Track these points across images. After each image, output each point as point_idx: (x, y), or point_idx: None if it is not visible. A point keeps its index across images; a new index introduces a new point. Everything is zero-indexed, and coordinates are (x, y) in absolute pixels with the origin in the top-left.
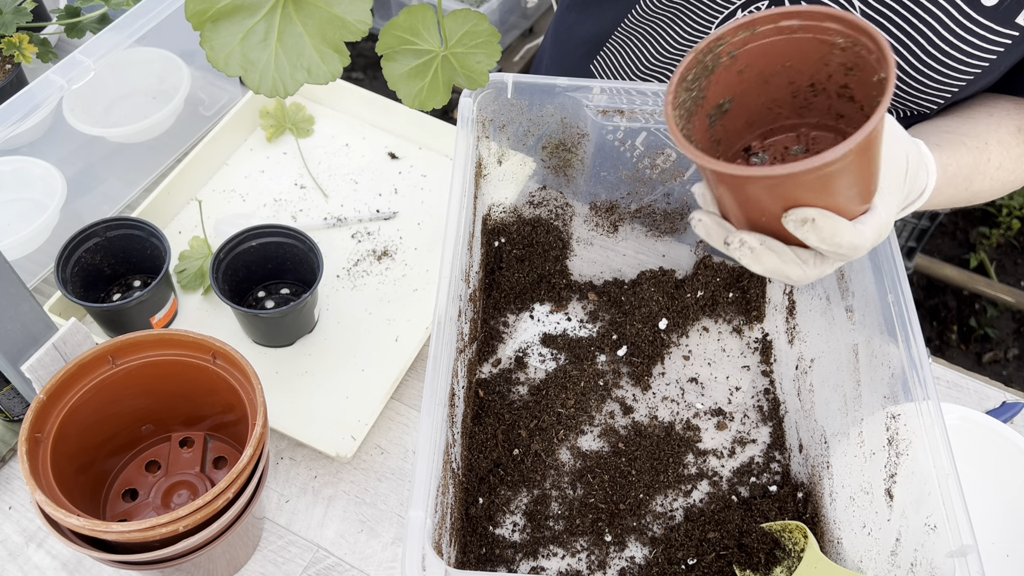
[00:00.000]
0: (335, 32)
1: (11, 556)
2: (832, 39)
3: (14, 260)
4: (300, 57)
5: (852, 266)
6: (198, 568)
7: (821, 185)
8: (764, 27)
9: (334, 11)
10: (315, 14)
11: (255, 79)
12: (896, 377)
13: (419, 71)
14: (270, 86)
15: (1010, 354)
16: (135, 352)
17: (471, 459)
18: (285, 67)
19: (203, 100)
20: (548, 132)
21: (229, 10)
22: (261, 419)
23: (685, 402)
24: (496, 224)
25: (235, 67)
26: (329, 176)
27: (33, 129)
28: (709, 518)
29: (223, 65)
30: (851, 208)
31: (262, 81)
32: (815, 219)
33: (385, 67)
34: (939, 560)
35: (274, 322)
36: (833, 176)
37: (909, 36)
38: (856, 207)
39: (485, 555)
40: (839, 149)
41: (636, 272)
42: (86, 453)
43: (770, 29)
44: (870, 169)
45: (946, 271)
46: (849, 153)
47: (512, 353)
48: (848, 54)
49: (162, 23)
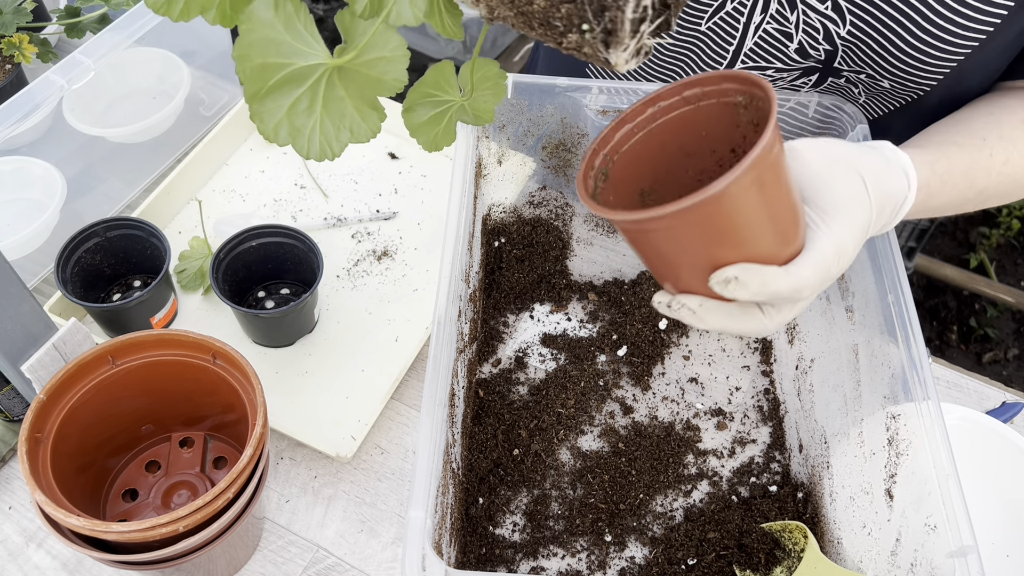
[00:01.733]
0: (373, 91)
1: (11, 556)
2: (733, 99)
3: (14, 260)
4: (343, 119)
5: (852, 266)
6: (198, 568)
7: (724, 227)
8: (669, 99)
9: (372, 73)
10: (356, 78)
11: (303, 145)
12: (896, 377)
13: (436, 119)
14: (318, 150)
15: (1010, 354)
16: (135, 352)
17: (471, 459)
18: (330, 130)
19: (203, 100)
20: (548, 132)
21: (278, 84)
22: (261, 419)
23: (685, 402)
24: (496, 224)
25: (284, 136)
26: (329, 176)
27: (33, 129)
28: (709, 518)
29: (272, 135)
30: (776, 251)
31: (310, 147)
32: (737, 276)
33: (406, 118)
34: (939, 560)
35: (274, 322)
36: (735, 214)
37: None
38: (782, 248)
39: (485, 555)
40: (725, 178)
41: (636, 272)
42: (86, 453)
43: (677, 101)
44: (781, 203)
45: (946, 271)
46: (739, 181)
47: (512, 353)
48: (751, 110)
49: (162, 23)
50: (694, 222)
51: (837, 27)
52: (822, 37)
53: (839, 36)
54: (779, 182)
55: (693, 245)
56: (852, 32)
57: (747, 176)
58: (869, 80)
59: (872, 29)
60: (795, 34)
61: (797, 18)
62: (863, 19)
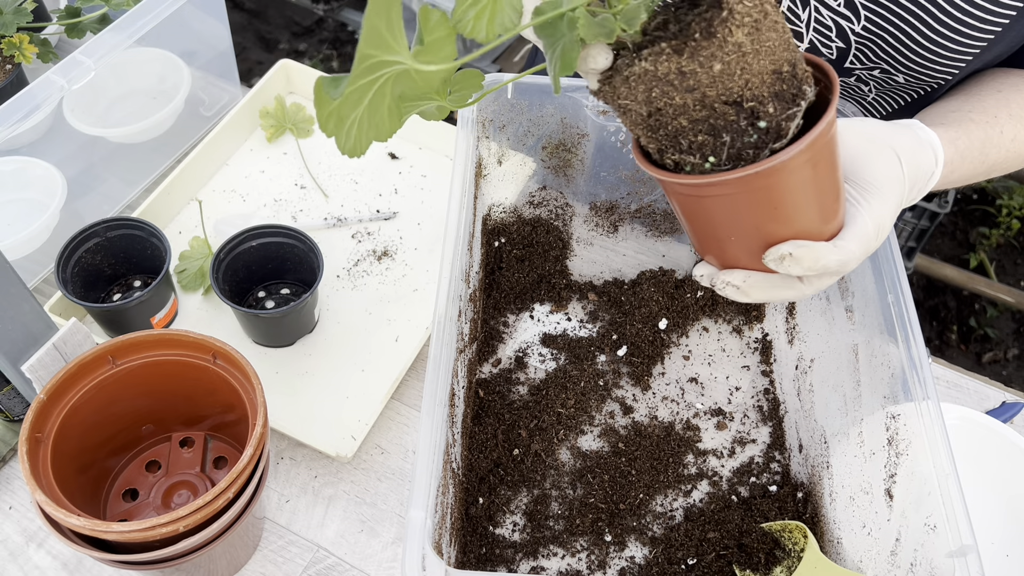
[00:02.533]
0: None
1: (11, 556)
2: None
3: (14, 260)
4: (376, 116)
5: None
6: (198, 568)
7: (780, 199)
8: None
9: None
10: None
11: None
12: (896, 377)
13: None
14: (351, 145)
15: (1010, 354)
16: (135, 352)
17: (471, 459)
18: (365, 126)
19: (203, 100)
20: (548, 132)
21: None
22: (261, 419)
23: (685, 402)
24: (496, 224)
25: (332, 126)
26: (329, 176)
27: (33, 129)
28: (709, 518)
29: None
30: (822, 226)
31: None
32: (792, 253)
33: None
34: (939, 560)
35: (274, 322)
36: (792, 187)
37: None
38: (828, 224)
39: (485, 555)
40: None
41: (636, 272)
42: (86, 453)
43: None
44: (831, 180)
45: (946, 271)
46: (803, 153)
47: (512, 353)
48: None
49: (162, 23)
50: (753, 191)
51: (851, 23)
52: (835, 34)
53: (853, 32)
54: (833, 160)
55: (747, 216)
56: (867, 28)
57: (810, 150)
58: (883, 75)
59: (888, 24)
60: (806, 33)
61: (809, 16)
62: (879, 14)
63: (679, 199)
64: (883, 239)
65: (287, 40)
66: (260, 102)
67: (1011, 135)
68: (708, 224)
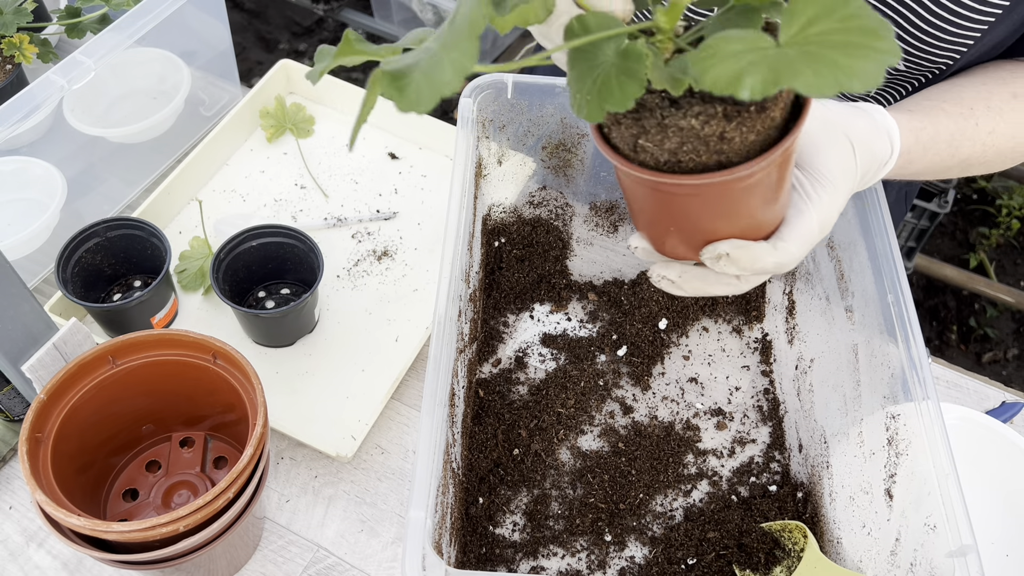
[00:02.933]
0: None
1: (12, 556)
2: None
3: (14, 260)
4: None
5: (852, 266)
6: (198, 568)
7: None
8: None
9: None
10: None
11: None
12: (896, 377)
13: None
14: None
15: (1010, 354)
16: (135, 352)
17: (471, 459)
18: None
19: (203, 100)
20: (548, 132)
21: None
22: (261, 419)
23: (685, 402)
24: (496, 224)
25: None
26: (329, 176)
27: (33, 129)
28: (709, 518)
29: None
30: (766, 223)
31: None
32: (729, 253)
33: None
34: (939, 560)
35: (274, 322)
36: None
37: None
38: (772, 221)
39: (485, 555)
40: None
41: (636, 272)
42: (86, 453)
43: None
44: (784, 182)
45: (946, 271)
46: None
47: (512, 353)
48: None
49: (162, 23)
50: (708, 194)
51: None
52: None
53: None
54: (789, 164)
55: (694, 213)
56: None
57: (776, 162)
58: None
59: (883, 4)
60: None
61: None
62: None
63: (630, 184)
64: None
65: (287, 40)
66: (260, 102)
67: (988, 128)
68: (654, 213)
